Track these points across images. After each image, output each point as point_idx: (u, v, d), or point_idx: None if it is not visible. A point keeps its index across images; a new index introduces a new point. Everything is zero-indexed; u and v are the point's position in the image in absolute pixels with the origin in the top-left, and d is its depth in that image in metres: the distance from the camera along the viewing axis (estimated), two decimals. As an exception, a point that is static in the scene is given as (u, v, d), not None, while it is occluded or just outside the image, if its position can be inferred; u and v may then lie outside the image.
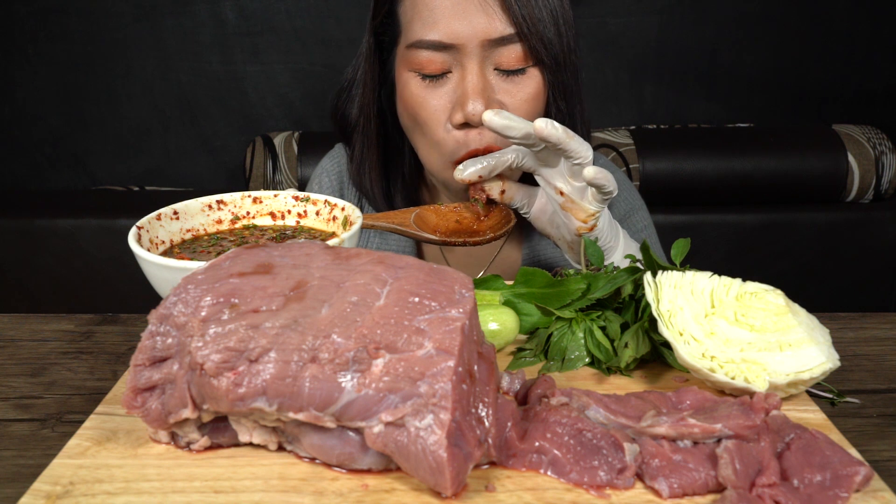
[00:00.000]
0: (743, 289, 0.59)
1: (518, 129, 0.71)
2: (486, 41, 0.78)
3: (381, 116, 0.92)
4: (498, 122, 0.71)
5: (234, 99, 2.07)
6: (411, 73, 0.83)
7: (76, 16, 1.99)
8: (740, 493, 0.43)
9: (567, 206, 0.77)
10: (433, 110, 0.82)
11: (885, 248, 1.79)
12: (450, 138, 0.82)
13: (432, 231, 0.80)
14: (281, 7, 2.01)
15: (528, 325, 0.66)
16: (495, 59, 0.80)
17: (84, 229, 1.73)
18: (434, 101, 0.82)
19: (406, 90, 0.84)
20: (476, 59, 0.79)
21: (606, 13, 2.03)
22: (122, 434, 0.52)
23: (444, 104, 0.82)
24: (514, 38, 0.79)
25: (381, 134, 0.93)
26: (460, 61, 0.80)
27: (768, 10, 2.03)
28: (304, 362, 0.45)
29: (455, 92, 0.81)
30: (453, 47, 0.79)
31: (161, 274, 0.61)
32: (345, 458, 0.47)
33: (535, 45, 0.79)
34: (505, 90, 0.81)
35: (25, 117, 2.08)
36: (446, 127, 0.82)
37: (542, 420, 0.50)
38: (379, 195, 0.95)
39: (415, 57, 0.81)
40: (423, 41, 0.80)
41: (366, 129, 0.92)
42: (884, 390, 0.66)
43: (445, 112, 0.82)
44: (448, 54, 0.80)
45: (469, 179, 0.76)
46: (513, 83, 0.81)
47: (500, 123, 0.71)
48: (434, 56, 0.80)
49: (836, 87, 2.10)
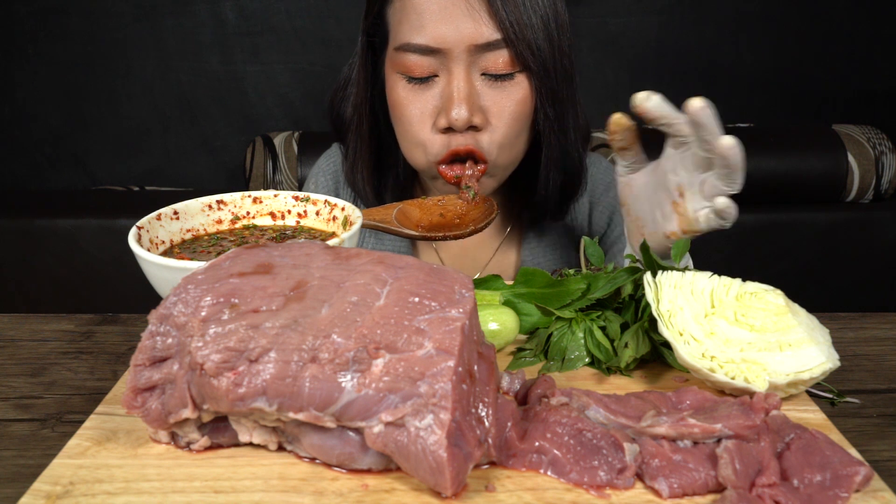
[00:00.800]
0: (743, 289, 0.59)
1: (673, 118, 0.66)
2: (473, 46, 0.78)
3: (374, 115, 0.93)
4: (653, 109, 0.66)
5: (234, 99, 2.07)
6: (398, 76, 0.83)
7: (76, 16, 1.99)
8: (740, 493, 0.43)
9: (678, 209, 0.70)
10: (419, 114, 0.82)
11: (885, 248, 1.79)
12: (435, 140, 0.82)
13: (415, 226, 0.79)
14: (281, 7, 2.01)
15: (528, 325, 0.66)
16: (482, 64, 0.80)
17: (84, 229, 1.73)
18: (419, 104, 0.82)
19: (393, 92, 0.84)
20: (462, 64, 0.79)
21: (606, 13, 2.03)
22: (122, 434, 0.52)
23: (430, 108, 0.82)
24: (500, 44, 0.79)
25: (373, 133, 0.94)
26: (447, 66, 0.80)
27: (768, 10, 2.03)
28: (304, 362, 0.45)
29: (441, 96, 0.81)
30: (440, 51, 0.79)
31: (161, 274, 0.61)
32: (345, 458, 0.47)
33: (522, 50, 0.79)
34: (491, 96, 0.81)
35: (25, 117, 2.08)
36: (431, 130, 0.82)
37: (542, 420, 0.50)
38: (370, 193, 0.96)
39: (402, 60, 0.81)
40: (410, 44, 0.80)
41: (359, 127, 0.93)
42: (884, 390, 0.66)
43: (431, 116, 0.82)
44: (435, 58, 0.80)
45: (651, 110, 0.67)
46: (499, 89, 0.81)
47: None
48: (421, 60, 0.80)
49: (836, 87, 2.10)
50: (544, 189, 0.91)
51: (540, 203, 0.93)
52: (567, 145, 0.88)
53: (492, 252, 1.01)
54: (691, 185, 0.69)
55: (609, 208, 1.02)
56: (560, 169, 0.89)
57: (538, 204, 0.93)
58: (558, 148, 0.87)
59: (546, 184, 0.90)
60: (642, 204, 0.75)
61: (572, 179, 0.93)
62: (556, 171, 0.89)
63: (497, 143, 0.82)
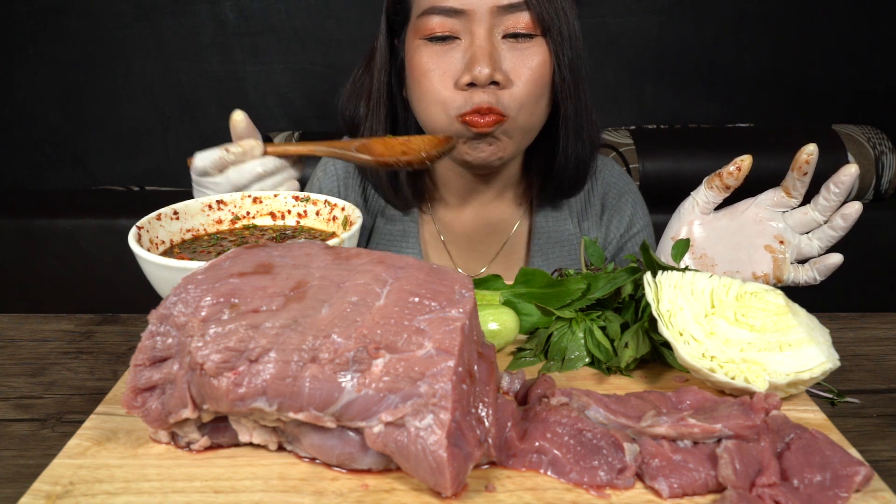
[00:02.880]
0: (743, 289, 0.59)
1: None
2: (496, 7, 0.82)
3: (391, 101, 0.95)
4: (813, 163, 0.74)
5: (234, 99, 2.07)
6: (421, 41, 0.86)
7: (76, 16, 1.99)
8: (740, 493, 0.43)
9: (776, 254, 0.76)
10: (441, 74, 0.85)
11: (885, 248, 1.79)
12: (456, 96, 0.84)
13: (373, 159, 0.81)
14: (281, 7, 2.01)
15: (528, 325, 0.66)
16: (504, 25, 0.83)
17: (84, 229, 1.73)
18: (442, 65, 0.84)
19: (415, 58, 0.86)
20: (485, 25, 0.82)
21: (606, 13, 2.03)
22: (122, 434, 0.52)
23: (453, 70, 0.84)
24: (522, 6, 0.82)
25: (389, 118, 0.96)
26: (469, 28, 0.83)
27: (768, 10, 2.03)
28: (304, 362, 0.45)
29: (464, 57, 0.84)
30: (464, 13, 0.82)
31: (161, 274, 0.61)
32: (345, 458, 0.47)
33: (542, 13, 0.82)
34: (511, 59, 0.84)
35: (25, 117, 2.08)
36: (453, 88, 0.84)
37: (542, 420, 0.50)
38: (384, 178, 0.97)
39: (426, 23, 0.84)
40: (435, 7, 0.83)
41: (375, 113, 0.95)
42: (884, 390, 0.66)
43: (453, 77, 0.84)
44: (458, 20, 0.83)
45: (812, 164, 0.75)
46: (519, 52, 0.84)
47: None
48: (445, 21, 0.83)
49: (836, 87, 2.10)
50: (563, 158, 0.93)
51: (557, 173, 0.95)
52: (582, 117, 0.91)
53: (500, 245, 1.01)
54: (793, 238, 0.75)
55: (626, 218, 1.03)
56: (577, 138, 0.92)
57: (555, 176, 0.95)
58: (574, 116, 0.90)
59: (565, 151, 0.92)
60: (716, 245, 0.78)
61: (588, 151, 0.95)
62: (574, 139, 0.92)
63: (518, 100, 0.84)
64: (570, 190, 0.99)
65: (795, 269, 0.75)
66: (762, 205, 0.76)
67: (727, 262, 0.77)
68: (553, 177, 0.95)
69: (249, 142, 0.79)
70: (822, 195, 0.73)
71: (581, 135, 0.92)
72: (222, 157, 0.78)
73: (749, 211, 0.77)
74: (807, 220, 0.74)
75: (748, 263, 0.76)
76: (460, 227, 1.02)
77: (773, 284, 0.76)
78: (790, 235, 0.75)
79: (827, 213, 0.73)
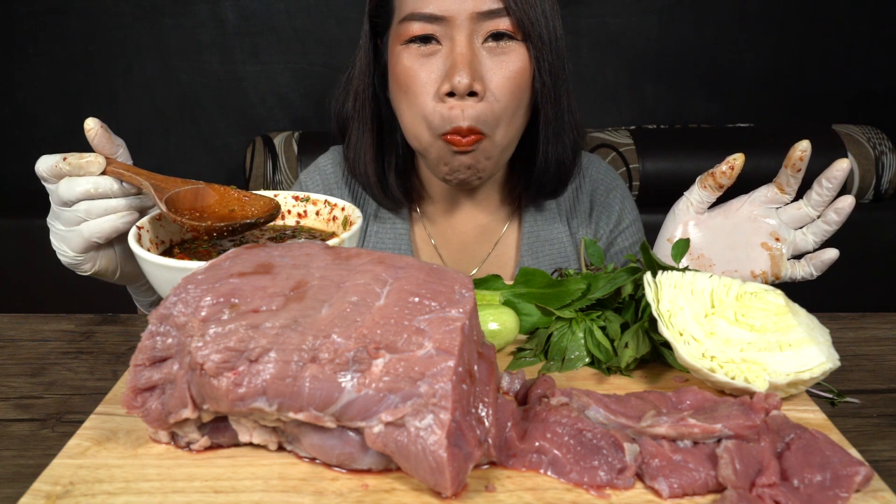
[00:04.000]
0: (743, 289, 0.59)
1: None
2: (476, 14, 0.82)
3: (376, 101, 0.96)
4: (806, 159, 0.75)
5: (234, 99, 2.07)
6: (402, 47, 0.86)
7: (76, 16, 1.99)
8: (740, 493, 0.43)
9: (772, 251, 0.76)
10: (423, 82, 0.85)
11: (885, 248, 1.79)
12: (437, 111, 0.84)
13: (194, 209, 0.72)
14: (281, 7, 2.01)
15: (528, 325, 0.66)
16: (483, 31, 0.83)
17: (84, 229, 1.73)
18: (424, 72, 0.85)
19: (398, 64, 0.87)
20: (465, 31, 0.83)
21: (606, 13, 2.03)
22: (122, 434, 0.52)
23: (433, 77, 0.84)
24: (502, 12, 0.83)
25: (375, 118, 0.96)
26: (450, 34, 0.83)
27: (768, 10, 2.03)
28: (304, 362, 0.45)
29: (444, 64, 0.84)
30: (444, 19, 0.83)
31: (161, 274, 0.61)
32: (345, 458, 0.47)
33: (521, 18, 0.83)
34: (491, 65, 0.84)
35: (25, 117, 2.08)
36: (434, 99, 0.84)
37: (542, 420, 0.50)
38: (373, 177, 0.97)
39: (407, 29, 0.85)
40: (415, 13, 0.83)
41: (361, 113, 0.95)
42: (884, 390, 0.66)
43: (434, 84, 0.84)
44: (439, 26, 0.83)
45: (805, 160, 0.76)
46: (499, 58, 0.84)
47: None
48: (425, 27, 0.84)
49: (836, 87, 2.10)
50: (543, 161, 0.93)
51: (537, 177, 0.95)
52: (563, 120, 0.91)
53: (490, 247, 1.02)
54: (788, 234, 0.76)
55: (615, 214, 1.04)
56: (557, 141, 0.92)
57: (536, 179, 0.96)
58: (554, 120, 0.90)
59: (545, 155, 0.93)
60: (713, 244, 0.79)
61: (569, 153, 0.95)
62: (554, 142, 0.92)
63: (497, 115, 0.84)
64: (553, 192, 0.99)
65: (792, 265, 0.76)
66: (756, 202, 0.77)
67: (725, 261, 0.78)
68: (534, 179, 0.96)
69: (89, 156, 0.69)
70: (814, 190, 0.73)
71: (561, 137, 0.92)
72: (58, 164, 0.69)
73: (743, 209, 0.78)
74: (800, 216, 0.75)
75: (746, 262, 0.77)
76: (450, 230, 1.02)
77: (770, 282, 0.77)
78: (785, 232, 0.76)
79: (820, 208, 0.74)
